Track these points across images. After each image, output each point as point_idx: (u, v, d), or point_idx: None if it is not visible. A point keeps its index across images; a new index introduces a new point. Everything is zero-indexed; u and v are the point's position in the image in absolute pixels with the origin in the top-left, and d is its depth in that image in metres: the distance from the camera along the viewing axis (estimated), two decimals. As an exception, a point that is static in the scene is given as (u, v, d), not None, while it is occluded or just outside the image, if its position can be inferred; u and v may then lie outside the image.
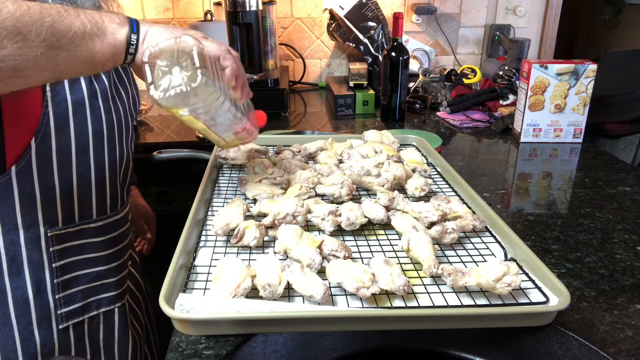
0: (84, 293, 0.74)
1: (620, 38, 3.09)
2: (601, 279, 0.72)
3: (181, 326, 0.54)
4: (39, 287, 0.69)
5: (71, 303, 0.72)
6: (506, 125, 1.43)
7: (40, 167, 0.65)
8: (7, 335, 0.67)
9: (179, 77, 0.59)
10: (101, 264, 0.76)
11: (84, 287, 0.74)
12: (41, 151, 0.65)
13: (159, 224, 1.14)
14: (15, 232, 0.66)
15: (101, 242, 0.75)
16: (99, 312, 0.77)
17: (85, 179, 0.71)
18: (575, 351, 0.56)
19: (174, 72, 0.60)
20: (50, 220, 0.68)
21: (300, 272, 0.58)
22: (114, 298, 0.79)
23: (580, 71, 1.27)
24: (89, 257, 0.74)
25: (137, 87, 0.85)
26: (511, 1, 1.95)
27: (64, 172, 0.68)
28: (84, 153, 0.70)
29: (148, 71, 0.60)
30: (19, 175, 0.64)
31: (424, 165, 0.93)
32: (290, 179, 0.85)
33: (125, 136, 0.78)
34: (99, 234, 0.75)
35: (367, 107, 1.61)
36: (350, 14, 1.72)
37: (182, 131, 1.46)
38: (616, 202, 0.97)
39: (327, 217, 0.71)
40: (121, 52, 0.60)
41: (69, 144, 0.68)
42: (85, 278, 0.74)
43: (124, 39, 0.60)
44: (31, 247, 0.67)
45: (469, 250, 0.69)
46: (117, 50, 0.60)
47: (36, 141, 0.64)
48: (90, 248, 0.74)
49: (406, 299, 0.58)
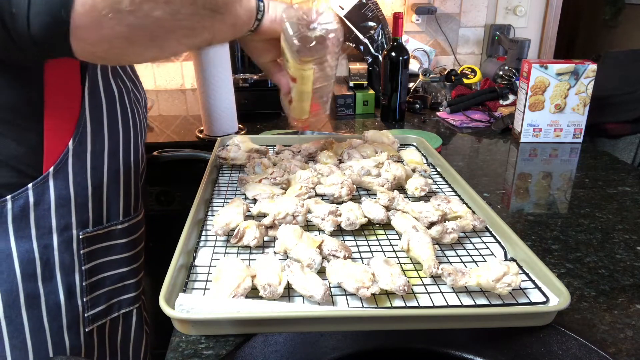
0: (107, 295, 0.74)
1: (620, 38, 3.09)
2: (601, 279, 0.72)
3: (181, 326, 0.54)
4: (70, 291, 0.68)
5: (97, 305, 0.73)
6: (506, 125, 1.43)
7: (75, 170, 0.65)
8: (41, 341, 0.67)
9: (317, 30, 0.68)
10: (124, 266, 0.77)
11: (108, 289, 0.74)
12: (77, 153, 0.65)
13: (159, 224, 1.13)
14: (49, 235, 0.65)
15: (125, 243, 0.76)
16: (119, 314, 0.77)
17: (115, 181, 0.72)
18: (575, 351, 0.56)
19: (312, 27, 0.68)
20: (82, 223, 0.68)
21: (300, 272, 0.58)
22: (133, 299, 0.79)
23: (580, 71, 1.27)
24: (114, 259, 0.75)
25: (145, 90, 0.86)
26: (511, 1, 1.95)
27: (96, 174, 0.69)
28: (114, 155, 0.71)
29: (288, 26, 0.67)
30: (56, 178, 0.64)
31: (424, 165, 0.93)
32: (290, 179, 0.85)
33: (143, 137, 0.80)
34: (124, 235, 0.76)
35: (367, 107, 1.61)
36: (350, 14, 1.72)
37: (182, 131, 1.46)
38: (616, 202, 0.97)
39: (327, 217, 0.71)
40: (252, 17, 0.64)
41: (102, 146, 0.68)
42: (110, 280, 0.75)
43: (255, 5, 0.64)
44: (64, 250, 0.67)
45: (469, 250, 0.69)
46: (251, 15, 0.64)
47: (74, 143, 0.64)
48: (116, 249, 0.75)
49: (406, 299, 0.58)
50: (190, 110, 1.71)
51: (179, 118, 1.60)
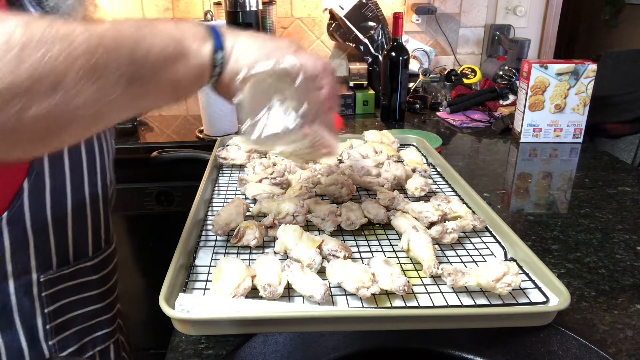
0: (78, 335, 0.68)
1: (620, 38, 3.09)
2: (601, 279, 0.72)
3: (181, 326, 0.54)
4: (33, 336, 0.62)
5: (67, 347, 0.66)
6: (506, 125, 1.43)
7: (33, 211, 0.58)
8: None
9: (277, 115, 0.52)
10: (96, 302, 0.70)
11: (79, 328, 0.68)
12: (34, 192, 0.58)
13: (159, 224, 1.13)
14: (4, 282, 0.59)
15: (96, 279, 0.69)
16: (94, 352, 0.71)
17: (81, 215, 0.64)
18: (575, 351, 0.56)
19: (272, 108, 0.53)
20: (43, 266, 0.61)
21: (300, 272, 0.58)
22: (109, 335, 0.72)
23: (580, 71, 1.27)
24: (84, 297, 0.68)
25: None
26: (511, 1, 1.95)
27: (58, 211, 0.61)
28: (79, 187, 0.63)
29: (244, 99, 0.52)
30: (11, 223, 0.57)
31: (424, 165, 0.93)
32: (290, 179, 0.85)
33: (110, 158, 0.71)
34: (94, 271, 0.68)
35: (367, 107, 1.61)
36: (350, 14, 1.72)
37: (182, 131, 1.46)
38: (616, 202, 0.97)
39: (327, 217, 0.71)
40: (206, 73, 0.51)
41: (63, 179, 0.60)
42: (80, 318, 0.68)
43: (209, 57, 0.50)
44: (22, 295, 0.60)
45: (469, 250, 0.69)
46: (203, 72, 0.50)
47: (29, 182, 0.57)
48: (86, 287, 0.68)
49: (406, 299, 0.58)
50: (190, 110, 1.71)
51: (179, 118, 1.60)
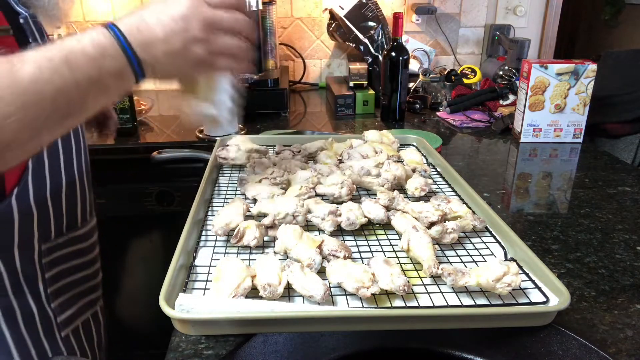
0: (74, 299, 0.76)
1: (620, 38, 3.09)
2: (601, 279, 0.72)
3: (181, 326, 0.54)
4: (38, 299, 0.70)
5: (66, 310, 0.74)
6: (506, 125, 1.43)
7: (35, 187, 0.66)
8: (25, 351, 0.68)
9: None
10: (85, 269, 0.78)
11: (74, 293, 0.76)
12: (36, 170, 0.66)
13: (159, 224, 1.13)
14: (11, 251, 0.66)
15: (85, 247, 0.78)
16: (87, 315, 0.79)
17: (72, 191, 0.73)
18: (575, 351, 0.56)
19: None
20: (44, 235, 0.69)
21: (300, 272, 0.58)
22: (96, 300, 0.82)
23: (580, 71, 1.27)
24: (75, 264, 0.76)
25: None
26: (511, 1, 1.95)
27: (55, 187, 0.69)
28: (70, 166, 0.72)
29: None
30: (18, 198, 0.64)
31: (424, 165, 0.93)
32: (290, 179, 0.85)
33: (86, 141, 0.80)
34: (83, 239, 0.78)
35: (367, 107, 1.61)
36: (350, 14, 1.72)
37: (182, 131, 1.46)
38: (616, 202, 0.97)
39: (327, 217, 0.71)
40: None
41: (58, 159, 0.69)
42: (74, 284, 0.76)
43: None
44: (27, 262, 0.68)
45: (469, 250, 0.69)
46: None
47: (32, 161, 0.64)
48: (76, 255, 0.76)
49: (406, 299, 0.58)
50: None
51: (179, 118, 1.60)
